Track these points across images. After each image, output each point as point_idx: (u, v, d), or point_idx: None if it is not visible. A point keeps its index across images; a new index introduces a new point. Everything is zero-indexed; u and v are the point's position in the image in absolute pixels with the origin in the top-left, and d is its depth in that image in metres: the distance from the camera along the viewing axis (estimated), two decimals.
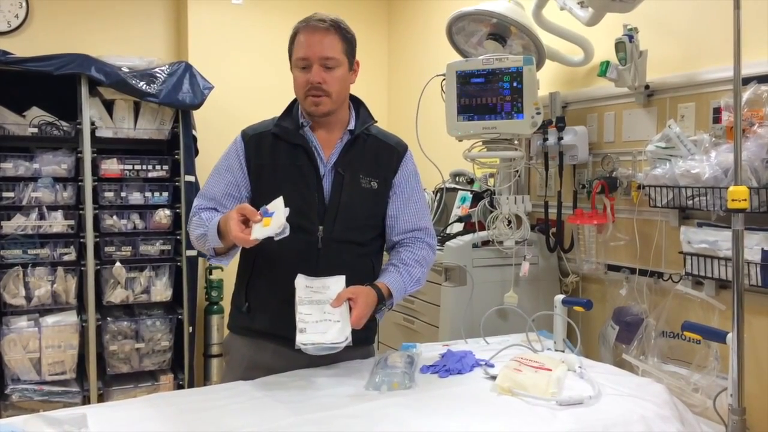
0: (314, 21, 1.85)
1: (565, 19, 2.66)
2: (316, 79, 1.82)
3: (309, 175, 1.85)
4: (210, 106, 3.59)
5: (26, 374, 3.29)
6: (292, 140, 1.89)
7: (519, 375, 1.70)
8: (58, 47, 3.36)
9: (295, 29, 1.89)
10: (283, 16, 4.14)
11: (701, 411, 2.02)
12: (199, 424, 1.50)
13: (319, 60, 1.83)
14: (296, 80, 1.88)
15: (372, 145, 1.94)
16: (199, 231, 1.86)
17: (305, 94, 1.85)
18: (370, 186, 1.90)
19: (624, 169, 2.56)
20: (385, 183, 1.93)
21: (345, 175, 1.87)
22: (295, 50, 1.88)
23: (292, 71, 1.89)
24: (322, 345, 1.64)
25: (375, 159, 1.93)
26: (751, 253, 2.00)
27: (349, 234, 1.86)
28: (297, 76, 1.87)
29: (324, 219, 1.84)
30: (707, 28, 2.30)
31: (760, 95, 2.02)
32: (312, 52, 1.83)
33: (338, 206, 1.85)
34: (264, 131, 1.93)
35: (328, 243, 1.83)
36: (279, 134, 1.90)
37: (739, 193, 1.59)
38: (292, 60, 1.90)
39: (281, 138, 1.90)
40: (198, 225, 1.87)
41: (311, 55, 1.83)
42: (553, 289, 2.78)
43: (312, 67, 1.83)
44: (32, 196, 3.33)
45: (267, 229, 1.63)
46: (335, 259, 1.84)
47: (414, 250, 1.95)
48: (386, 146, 1.97)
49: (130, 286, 3.50)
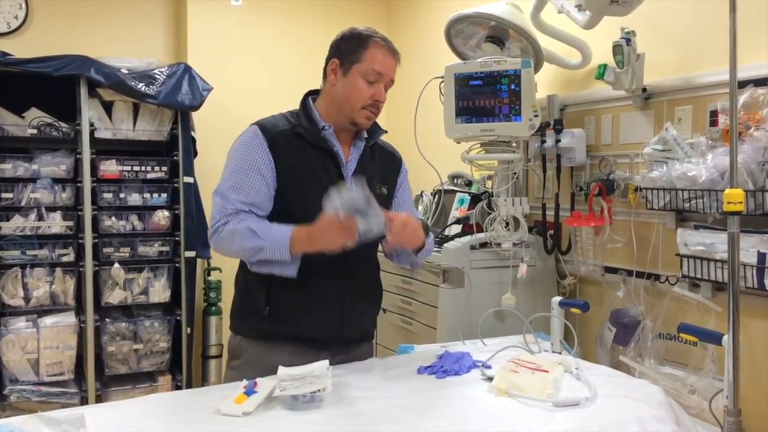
0: (387, 43, 1.90)
1: (562, 22, 2.67)
2: (382, 98, 1.89)
3: (335, 181, 1.86)
4: (209, 108, 3.59)
5: (24, 375, 3.29)
6: (316, 143, 1.88)
7: (516, 376, 1.71)
8: (58, 48, 3.37)
9: (369, 39, 1.88)
10: (282, 17, 4.16)
11: (698, 413, 2.03)
12: (198, 424, 1.50)
13: (388, 81, 1.90)
14: (358, 89, 1.86)
15: (378, 153, 2.03)
16: (251, 243, 1.78)
17: (363, 105, 1.87)
18: (382, 191, 1.98)
19: (621, 171, 2.57)
20: (390, 187, 2.04)
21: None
22: (369, 61, 1.86)
23: (350, 77, 1.87)
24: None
25: (382, 166, 2.01)
26: (747, 256, 2.01)
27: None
28: (361, 86, 1.86)
29: None
30: (704, 31, 2.31)
31: (757, 98, 2.03)
32: (388, 72, 1.89)
33: None
34: (284, 130, 1.89)
35: (353, 249, 1.83)
36: (304, 135, 1.89)
37: (735, 196, 1.60)
38: (353, 66, 1.87)
39: (306, 140, 1.88)
40: (247, 237, 1.78)
41: (387, 73, 1.89)
42: (551, 290, 2.79)
43: (380, 84, 1.88)
44: (31, 197, 3.34)
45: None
46: (359, 262, 1.92)
47: None
48: (388, 153, 2.08)
49: (128, 287, 3.51)
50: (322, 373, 1.64)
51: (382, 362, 1.99)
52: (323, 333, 1.90)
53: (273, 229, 1.79)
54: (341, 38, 1.92)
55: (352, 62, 1.87)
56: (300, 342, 1.88)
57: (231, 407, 1.54)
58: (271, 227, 1.80)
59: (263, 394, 1.59)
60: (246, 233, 1.78)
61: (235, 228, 1.80)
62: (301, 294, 1.86)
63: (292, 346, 1.87)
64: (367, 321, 2.06)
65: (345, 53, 1.89)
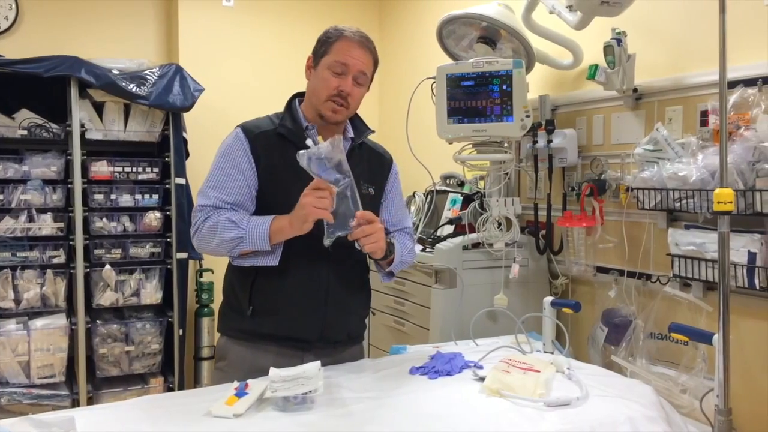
0: (358, 35, 1.89)
1: (554, 22, 2.67)
2: (347, 89, 1.86)
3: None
4: (200, 108, 3.58)
5: (15, 377, 3.27)
6: (299, 143, 1.87)
7: (507, 376, 1.71)
8: (48, 49, 3.36)
9: (333, 33, 1.89)
10: (273, 18, 4.16)
11: (689, 412, 2.03)
12: (189, 426, 1.50)
13: (355, 72, 1.87)
14: (324, 81, 1.87)
15: (366, 153, 2.02)
16: (230, 234, 1.78)
17: (328, 97, 1.87)
18: (368, 191, 1.97)
19: (613, 171, 2.58)
20: (378, 189, 2.02)
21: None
22: (333, 53, 1.87)
23: (319, 70, 1.89)
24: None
25: (369, 166, 2.01)
26: (737, 255, 2.02)
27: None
28: (327, 78, 1.87)
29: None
30: (695, 32, 2.32)
31: (747, 98, 2.04)
32: (353, 62, 1.87)
33: None
34: (267, 130, 1.90)
35: (337, 246, 1.85)
36: (286, 135, 1.89)
37: (725, 196, 1.60)
38: (322, 59, 1.88)
39: (288, 139, 1.89)
40: (227, 228, 1.79)
41: (352, 64, 1.87)
42: (543, 291, 2.80)
43: (347, 75, 1.86)
44: (21, 199, 3.32)
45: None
46: (343, 261, 1.92)
47: (399, 236, 2.05)
48: (377, 155, 2.07)
49: (119, 289, 3.49)
50: (314, 374, 1.64)
51: (373, 363, 2.00)
52: (306, 333, 1.89)
53: (252, 219, 1.81)
54: (320, 36, 1.94)
55: (321, 56, 1.89)
56: (283, 342, 1.87)
57: (222, 409, 1.54)
58: (251, 218, 1.81)
59: (254, 396, 1.58)
60: (225, 224, 1.79)
61: (215, 221, 1.81)
62: (284, 294, 1.86)
63: (277, 347, 1.86)
64: (353, 322, 2.03)
65: (317, 50, 1.92)
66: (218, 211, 1.83)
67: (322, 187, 1.69)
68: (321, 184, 1.69)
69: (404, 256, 2.00)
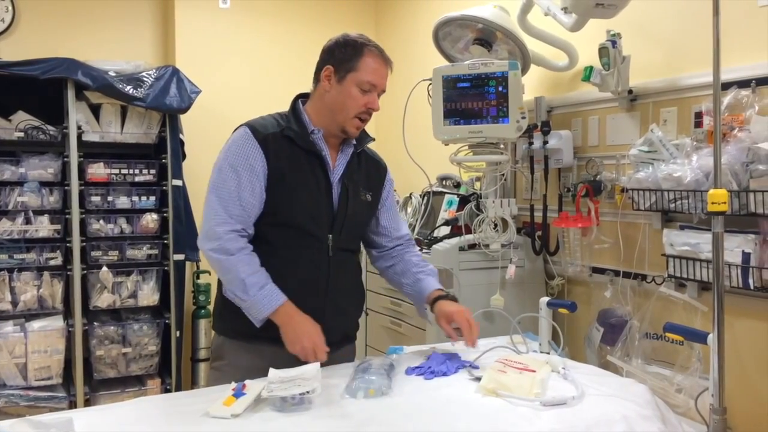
0: (381, 51, 1.92)
1: (549, 24, 2.69)
2: (376, 107, 1.91)
3: (321, 184, 1.90)
4: (197, 110, 3.59)
5: (12, 379, 3.27)
6: (305, 146, 1.89)
7: (503, 376, 1.72)
8: (45, 51, 3.35)
9: (364, 48, 1.89)
10: (270, 20, 4.16)
11: (684, 411, 2.04)
12: (187, 426, 1.50)
13: (381, 91, 1.92)
14: (353, 97, 1.87)
15: (365, 161, 2.04)
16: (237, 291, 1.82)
17: (357, 114, 1.89)
18: (366, 198, 2.01)
19: (608, 172, 2.59)
20: (375, 196, 2.06)
21: (349, 187, 1.94)
22: (363, 71, 1.87)
23: (346, 86, 1.88)
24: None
25: (367, 173, 2.03)
26: (732, 255, 2.04)
27: (351, 243, 2.01)
28: (356, 95, 1.87)
29: (333, 228, 1.91)
30: (689, 34, 2.33)
31: (740, 100, 2.06)
32: (382, 82, 1.91)
33: (345, 216, 1.93)
34: (274, 132, 1.89)
35: (336, 251, 1.92)
36: (294, 138, 1.89)
37: (719, 196, 1.61)
38: (348, 75, 1.87)
39: (295, 142, 1.89)
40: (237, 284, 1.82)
41: (380, 84, 1.91)
42: (539, 291, 2.81)
43: (374, 93, 1.90)
44: (18, 201, 3.32)
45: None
46: (342, 266, 1.95)
47: (415, 251, 2.17)
48: (374, 162, 2.09)
49: (117, 291, 3.49)
50: (312, 375, 1.65)
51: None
52: None
53: (261, 293, 1.81)
54: (335, 44, 1.91)
55: (347, 70, 1.87)
56: (280, 342, 1.86)
57: (220, 409, 1.54)
58: (263, 287, 1.81)
59: (252, 396, 1.59)
60: (236, 282, 1.82)
61: (230, 267, 1.82)
62: (285, 293, 1.86)
63: (274, 347, 1.85)
64: (349, 322, 2.07)
65: (340, 60, 1.89)
66: (236, 241, 1.82)
67: (320, 351, 1.80)
68: (320, 352, 1.80)
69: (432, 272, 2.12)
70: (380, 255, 2.15)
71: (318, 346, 1.80)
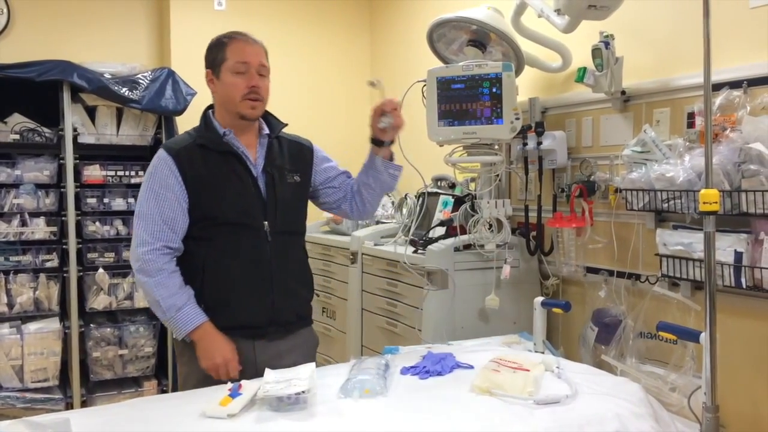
0: (248, 35, 2.01)
1: (542, 26, 2.70)
2: (257, 84, 1.96)
3: (245, 179, 1.99)
4: (193, 112, 3.56)
5: (8, 381, 3.27)
6: (220, 149, 1.99)
7: (497, 375, 1.73)
8: (40, 53, 3.36)
9: (223, 39, 2.01)
10: (265, 22, 4.16)
11: (678, 410, 2.05)
12: (183, 427, 1.51)
13: (256, 66, 1.98)
14: (232, 85, 1.96)
15: (286, 146, 2.12)
16: (157, 311, 1.91)
17: (243, 97, 1.96)
18: (294, 180, 2.09)
19: (602, 173, 2.60)
20: (304, 176, 2.13)
21: (274, 174, 2.02)
22: (230, 55, 1.97)
23: (223, 77, 1.98)
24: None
25: (291, 157, 2.11)
26: (724, 255, 2.05)
27: (289, 225, 2.06)
28: (233, 81, 1.96)
29: (267, 215, 1.99)
30: (681, 35, 2.35)
31: (732, 100, 2.07)
32: (252, 58, 1.98)
33: (276, 201, 2.01)
34: (188, 144, 2.01)
35: (275, 235, 1.99)
36: (206, 144, 1.99)
37: (710, 196, 1.63)
38: (221, 67, 1.98)
39: (209, 148, 1.98)
40: (154, 305, 1.91)
41: (252, 60, 1.97)
42: (534, 291, 2.82)
43: (250, 72, 1.96)
44: (14, 203, 3.32)
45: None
46: (284, 249, 2.02)
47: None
48: (296, 144, 2.17)
49: (113, 293, 3.50)
50: (307, 375, 1.66)
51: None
52: (258, 319, 1.98)
53: (179, 315, 1.89)
54: (207, 50, 2.04)
55: (219, 64, 1.99)
56: (237, 331, 1.95)
57: (216, 409, 1.55)
58: (180, 309, 1.89)
59: (248, 396, 1.60)
60: (153, 304, 1.91)
61: (148, 290, 1.91)
62: (232, 284, 1.95)
63: (230, 337, 1.93)
64: (301, 304, 2.13)
65: (212, 61, 2.01)
66: (158, 259, 1.90)
67: (232, 369, 1.88)
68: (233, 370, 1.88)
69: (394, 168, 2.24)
70: (347, 198, 2.23)
71: (230, 363, 1.88)
